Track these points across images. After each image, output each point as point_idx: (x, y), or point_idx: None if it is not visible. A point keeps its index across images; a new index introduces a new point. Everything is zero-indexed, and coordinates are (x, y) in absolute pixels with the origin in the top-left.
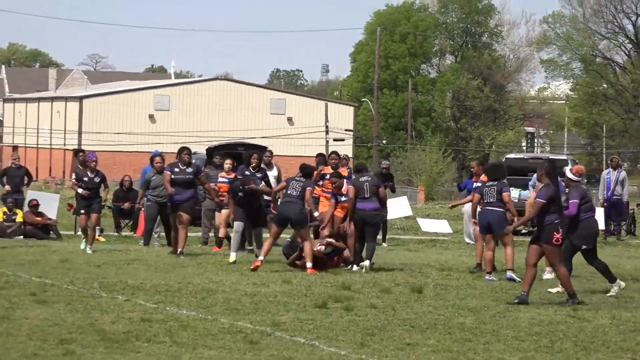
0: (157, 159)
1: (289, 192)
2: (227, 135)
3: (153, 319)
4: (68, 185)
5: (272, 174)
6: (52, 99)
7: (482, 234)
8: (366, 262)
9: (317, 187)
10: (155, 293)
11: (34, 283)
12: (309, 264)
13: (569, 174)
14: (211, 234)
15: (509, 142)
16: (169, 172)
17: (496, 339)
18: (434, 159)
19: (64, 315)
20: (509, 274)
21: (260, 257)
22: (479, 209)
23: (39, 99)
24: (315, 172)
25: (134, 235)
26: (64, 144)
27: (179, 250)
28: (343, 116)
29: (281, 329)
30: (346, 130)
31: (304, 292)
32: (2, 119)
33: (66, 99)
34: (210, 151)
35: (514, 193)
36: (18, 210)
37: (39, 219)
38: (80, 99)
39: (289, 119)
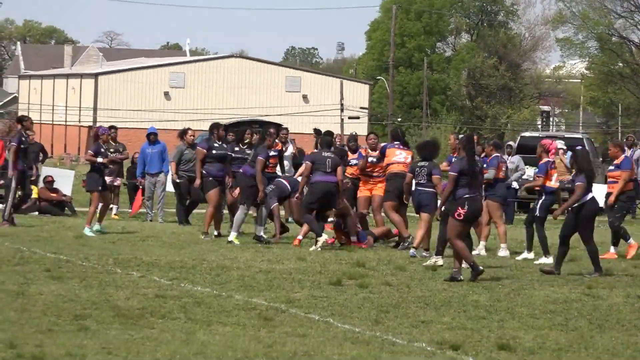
0: (190, 132)
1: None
2: (242, 112)
3: (167, 295)
4: (83, 162)
5: (286, 153)
6: (68, 76)
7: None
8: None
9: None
10: (170, 270)
11: (48, 259)
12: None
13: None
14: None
15: (524, 121)
16: (204, 149)
17: (510, 316)
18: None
19: (78, 291)
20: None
21: (300, 237)
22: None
23: (54, 76)
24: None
25: (129, 212)
26: (79, 121)
27: (219, 230)
28: (358, 94)
29: (295, 306)
30: (361, 108)
31: (319, 269)
32: (17, 95)
33: (81, 75)
34: (225, 128)
35: (529, 171)
36: (33, 187)
37: (54, 195)
38: (96, 76)
39: (304, 97)
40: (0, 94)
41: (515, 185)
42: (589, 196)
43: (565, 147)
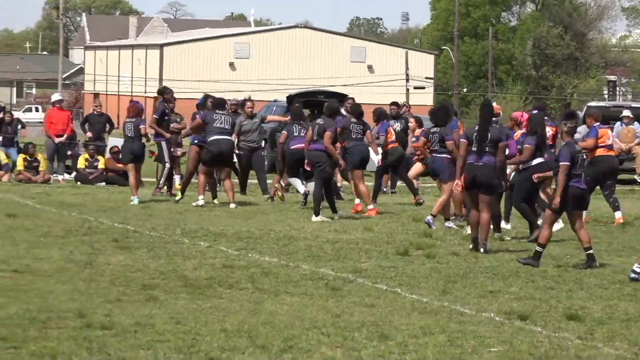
0: (249, 103)
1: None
2: (307, 83)
3: (235, 265)
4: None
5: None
6: (133, 47)
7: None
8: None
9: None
10: (237, 240)
11: (116, 229)
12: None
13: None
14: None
15: (590, 90)
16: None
17: (579, 286)
18: (515, 107)
19: (146, 262)
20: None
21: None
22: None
23: (119, 47)
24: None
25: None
26: (145, 92)
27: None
28: (423, 64)
29: (363, 276)
30: (426, 78)
31: (386, 240)
32: (83, 66)
33: (147, 46)
34: (291, 99)
35: None
36: (100, 157)
37: (121, 165)
38: (161, 46)
39: (369, 67)
40: (66, 65)
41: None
42: (536, 160)
43: (631, 116)
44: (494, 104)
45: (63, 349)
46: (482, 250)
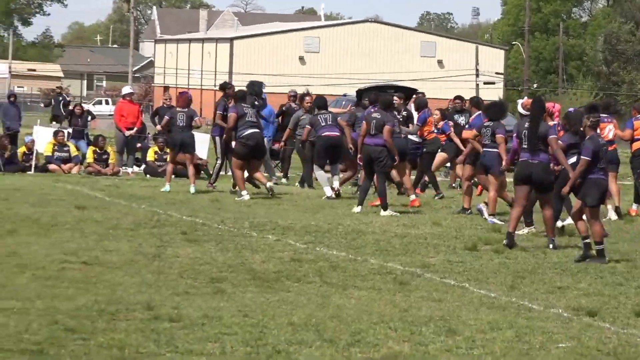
0: (308, 98)
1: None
2: (377, 77)
3: (303, 259)
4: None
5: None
6: (203, 40)
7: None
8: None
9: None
10: (305, 233)
11: (184, 222)
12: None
13: (519, 109)
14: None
15: None
16: None
17: None
18: (586, 102)
19: (214, 254)
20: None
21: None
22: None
23: (189, 40)
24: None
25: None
26: (215, 85)
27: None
28: (494, 59)
29: (431, 271)
30: (497, 73)
31: (454, 235)
32: (153, 59)
33: (217, 40)
34: (360, 93)
35: None
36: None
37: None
38: (231, 40)
39: (439, 62)
40: (136, 58)
41: None
42: (572, 159)
43: None
44: (524, 99)
45: (131, 340)
46: (550, 246)
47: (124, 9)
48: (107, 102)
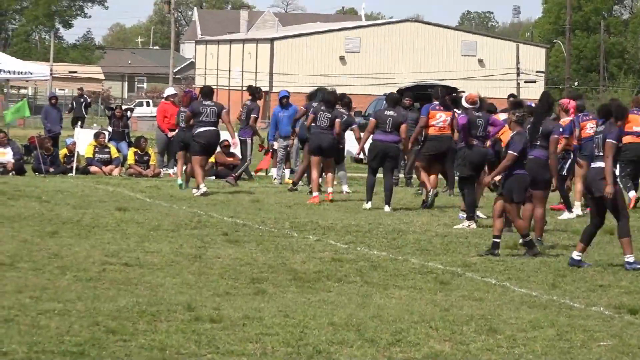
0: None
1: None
2: (418, 77)
3: (344, 259)
4: (261, 126)
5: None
6: (244, 41)
7: None
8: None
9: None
10: (346, 233)
11: (225, 223)
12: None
13: (463, 102)
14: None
15: None
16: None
17: None
18: (627, 101)
19: (255, 255)
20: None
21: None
22: None
23: (230, 41)
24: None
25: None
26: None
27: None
28: (534, 58)
29: (472, 270)
30: (538, 72)
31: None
32: (194, 60)
33: (257, 40)
34: (401, 93)
35: None
36: None
37: (231, 159)
38: (272, 40)
39: (480, 61)
40: (177, 60)
41: None
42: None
43: None
44: (467, 94)
45: (172, 342)
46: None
47: (165, 10)
48: (147, 104)
